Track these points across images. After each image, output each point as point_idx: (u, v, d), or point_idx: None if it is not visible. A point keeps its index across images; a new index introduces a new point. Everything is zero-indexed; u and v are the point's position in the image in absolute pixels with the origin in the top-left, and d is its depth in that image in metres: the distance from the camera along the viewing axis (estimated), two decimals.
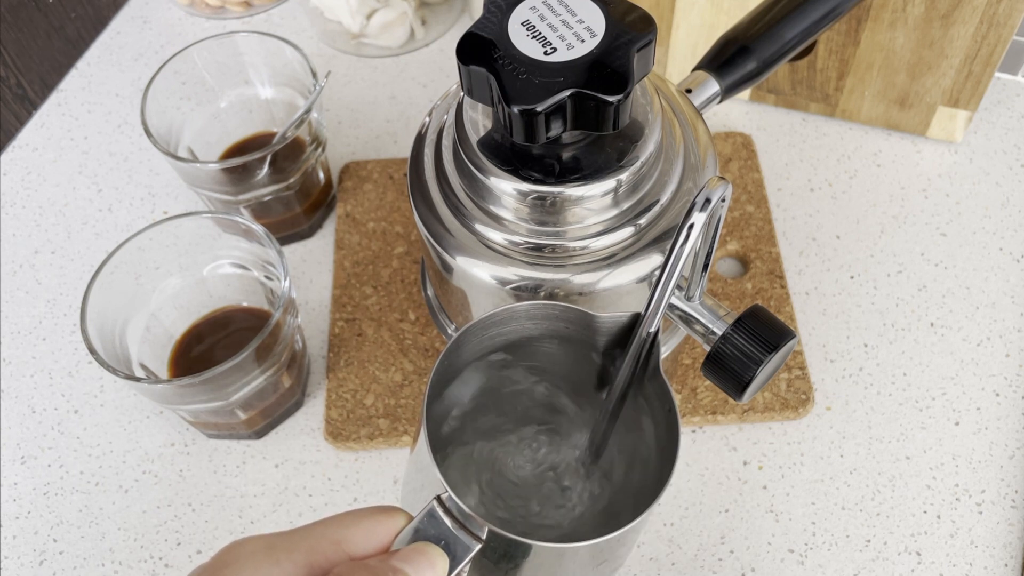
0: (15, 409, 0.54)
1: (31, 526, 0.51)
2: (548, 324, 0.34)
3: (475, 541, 0.28)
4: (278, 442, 0.53)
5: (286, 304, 0.47)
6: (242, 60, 0.57)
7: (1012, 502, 0.49)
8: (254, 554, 0.26)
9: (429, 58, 0.70)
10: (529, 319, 0.34)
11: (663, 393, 0.33)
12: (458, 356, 0.34)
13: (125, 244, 0.48)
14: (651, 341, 0.33)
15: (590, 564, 0.32)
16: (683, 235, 0.31)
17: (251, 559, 0.26)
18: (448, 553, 0.28)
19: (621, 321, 0.33)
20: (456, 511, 0.28)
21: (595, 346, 0.35)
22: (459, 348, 0.33)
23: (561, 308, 0.33)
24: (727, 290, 0.56)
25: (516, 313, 0.33)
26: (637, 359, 0.33)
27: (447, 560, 0.27)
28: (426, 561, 0.27)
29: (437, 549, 0.27)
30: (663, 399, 0.33)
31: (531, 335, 0.35)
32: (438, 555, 0.27)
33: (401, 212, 0.60)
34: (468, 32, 0.33)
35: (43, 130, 0.67)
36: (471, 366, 0.36)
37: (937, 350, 0.54)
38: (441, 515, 0.28)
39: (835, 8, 0.44)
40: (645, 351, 0.33)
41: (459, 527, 0.28)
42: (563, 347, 0.36)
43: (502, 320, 0.33)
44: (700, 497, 0.50)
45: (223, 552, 0.27)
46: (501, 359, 0.37)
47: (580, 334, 0.34)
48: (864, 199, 0.60)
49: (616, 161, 0.35)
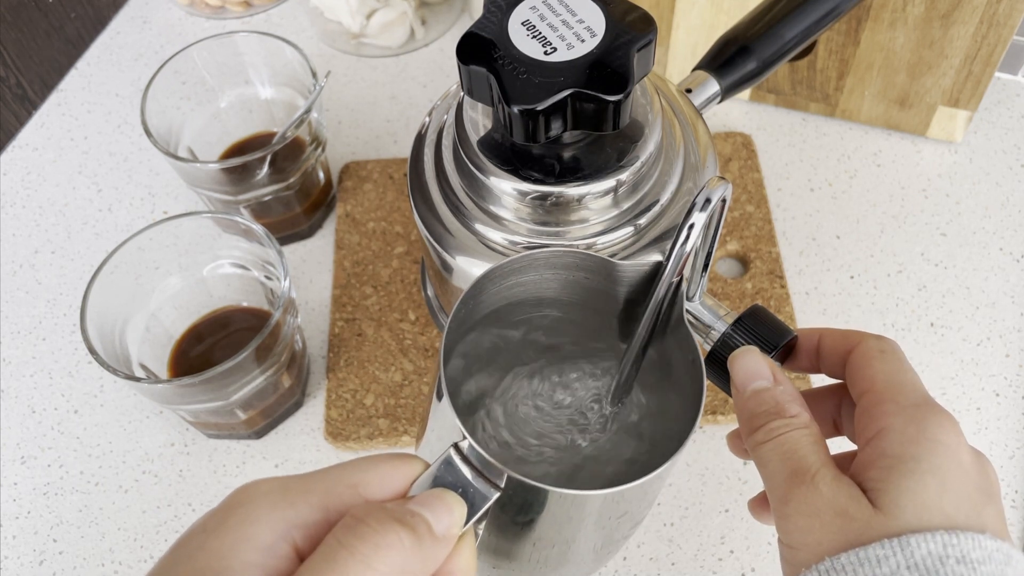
0: (15, 409, 0.54)
1: (31, 526, 0.51)
2: (568, 274, 0.33)
3: (493, 489, 0.27)
4: (278, 442, 0.53)
5: (286, 304, 0.47)
6: (242, 60, 0.57)
7: (1012, 502, 0.49)
8: (268, 494, 0.26)
9: (429, 58, 0.70)
10: (548, 268, 0.33)
11: (687, 343, 0.32)
12: (476, 304, 0.33)
13: (125, 244, 0.48)
14: (674, 290, 0.32)
15: (610, 516, 0.31)
16: (683, 235, 0.31)
17: (265, 499, 0.25)
18: (467, 500, 0.27)
19: (643, 269, 0.33)
20: (475, 458, 0.27)
21: (616, 296, 0.34)
22: (478, 295, 0.32)
23: (581, 255, 0.32)
24: (727, 290, 0.56)
25: (535, 260, 0.32)
26: (659, 308, 0.33)
27: (465, 507, 0.27)
28: (444, 507, 0.26)
29: (455, 495, 0.27)
30: (686, 349, 0.32)
31: (551, 288, 0.34)
32: (456, 501, 0.26)
33: (401, 212, 0.60)
34: (468, 32, 0.33)
35: (43, 130, 0.67)
36: (489, 317, 0.35)
37: (937, 350, 0.54)
38: (458, 462, 0.27)
39: (835, 8, 0.44)
40: (668, 300, 0.32)
41: (477, 475, 0.27)
42: (584, 298, 0.35)
43: (521, 268, 0.32)
44: (700, 497, 0.50)
45: (236, 492, 0.26)
46: (520, 312, 0.36)
47: (600, 283, 0.33)
48: (864, 199, 0.60)
49: (616, 161, 0.35)
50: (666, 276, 0.32)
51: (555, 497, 0.28)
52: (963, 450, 0.29)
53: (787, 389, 0.31)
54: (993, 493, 0.29)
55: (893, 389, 0.30)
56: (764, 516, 0.38)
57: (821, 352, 0.34)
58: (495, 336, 0.37)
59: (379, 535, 0.24)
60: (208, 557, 0.24)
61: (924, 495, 0.27)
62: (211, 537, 0.25)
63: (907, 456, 0.28)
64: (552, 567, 0.34)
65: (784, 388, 0.31)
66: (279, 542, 0.25)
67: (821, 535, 0.28)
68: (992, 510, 0.28)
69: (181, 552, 0.25)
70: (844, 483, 0.29)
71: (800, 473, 0.29)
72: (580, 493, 0.29)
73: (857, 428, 0.30)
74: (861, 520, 0.27)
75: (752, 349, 0.33)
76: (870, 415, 0.30)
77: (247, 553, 0.24)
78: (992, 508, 0.28)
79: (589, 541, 0.33)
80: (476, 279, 0.31)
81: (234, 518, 0.25)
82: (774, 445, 0.30)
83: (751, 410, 0.32)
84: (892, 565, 0.26)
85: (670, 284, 0.32)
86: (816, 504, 0.28)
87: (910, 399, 0.30)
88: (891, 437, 0.29)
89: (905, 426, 0.29)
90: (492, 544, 0.32)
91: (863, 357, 0.32)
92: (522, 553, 0.32)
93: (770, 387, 0.32)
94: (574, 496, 0.29)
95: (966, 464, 0.28)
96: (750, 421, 0.31)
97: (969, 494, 0.28)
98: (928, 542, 0.26)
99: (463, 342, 0.36)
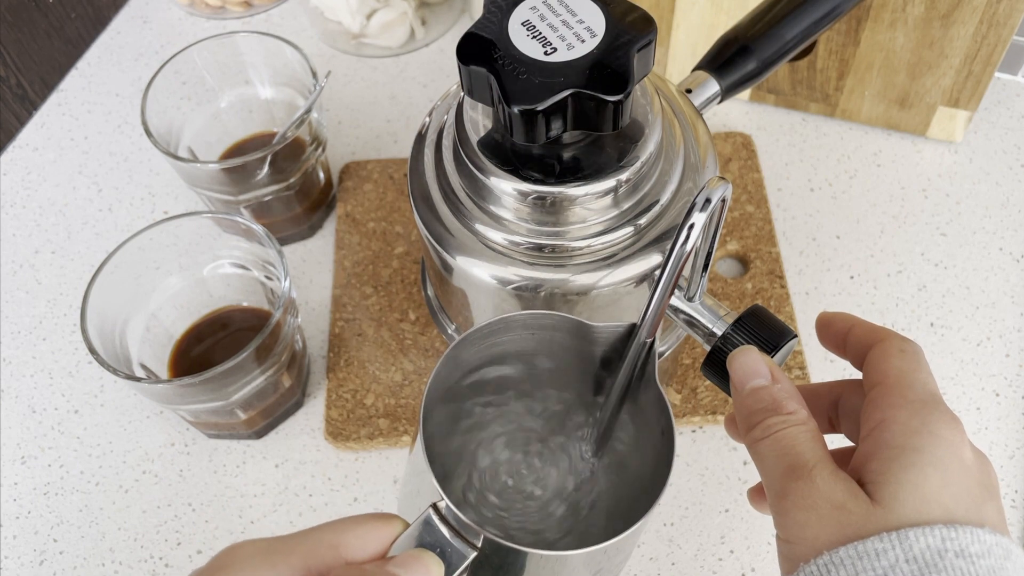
0: (15, 409, 0.54)
1: (31, 526, 0.51)
2: (545, 334, 0.34)
3: (471, 549, 0.28)
4: (278, 442, 0.53)
5: (286, 304, 0.47)
6: (242, 60, 0.57)
7: (1012, 502, 0.49)
8: (251, 557, 0.26)
9: (429, 58, 0.70)
10: (525, 328, 0.34)
11: (660, 406, 0.32)
12: (455, 365, 0.34)
13: (125, 244, 0.48)
14: (647, 350, 0.33)
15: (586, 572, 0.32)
16: (683, 235, 0.31)
17: (248, 562, 0.26)
18: (444, 560, 0.28)
19: (618, 331, 0.33)
20: (452, 519, 0.28)
21: (592, 356, 0.35)
22: (456, 357, 0.33)
23: (558, 318, 0.33)
24: (727, 290, 0.56)
25: (513, 322, 0.33)
26: (633, 368, 0.33)
27: (443, 567, 0.27)
28: (422, 567, 0.27)
29: (433, 556, 0.27)
30: (659, 413, 0.33)
31: (528, 346, 0.35)
32: (434, 562, 0.27)
33: (401, 212, 0.60)
34: (468, 32, 0.33)
35: (43, 130, 0.67)
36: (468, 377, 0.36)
37: (937, 350, 0.54)
38: (437, 523, 0.28)
39: (835, 8, 0.44)
40: (641, 360, 0.33)
41: (455, 535, 0.28)
42: (560, 358, 0.36)
43: (499, 329, 0.33)
44: (700, 497, 0.50)
45: (220, 555, 0.27)
46: (498, 370, 0.37)
47: (577, 344, 0.34)
48: (864, 199, 0.60)
49: (616, 161, 0.35)
50: (640, 336, 0.32)
51: (532, 558, 0.29)
52: (965, 447, 0.29)
53: (785, 387, 0.32)
54: (994, 490, 0.29)
55: (903, 384, 0.30)
56: (762, 506, 0.38)
57: (848, 341, 0.34)
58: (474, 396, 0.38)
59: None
60: None
61: (925, 487, 0.27)
62: None
63: (909, 447, 0.28)
64: None
65: (782, 386, 0.32)
66: None
67: (819, 529, 0.28)
68: (992, 506, 0.28)
69: None
70: (841, 477, 0.29)
71: (797, 468, 0.29)
72: (553, 554, 0.30)
73: (862, 419, 0.31)
74: (859, 514, 0.27)
75: (750, 348, 0.33)
76: (876, 405, 0.30)
77: None
78: (992, 504, 0.28)
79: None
80: (456, 341, 0.32)
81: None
82: (771, 442, 0.30)
83: (749, 407, 0.32)
84: (891, 559, 0.26)
85: (643, 344, 0.32)
86: (813, 498, 0.28)
87: (918, 395, 0.30)
88: (894, 428, 0.29)
89: (909, 418, 0.29)
90: None
91: (883, 352, 0.32)
92: None
93: (768, 385, 0.32)
94: (550, 557, 0.30)
95: (968, 460, 0.28)
96: (748, 418, 0.32)
97: (969, 489, 0.28)
98: (927, 535, 0.26)
99: (442, 403, 0.37)
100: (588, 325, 0.33)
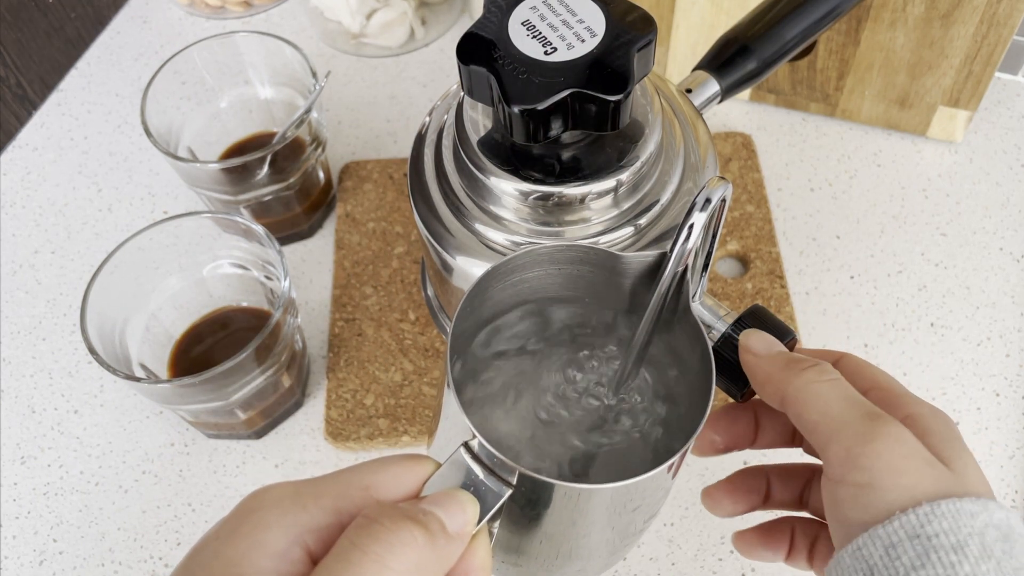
0: (15, 409, 0.54)
1: (31, 526, 0.51)
2: (571, 268, 0.33)
3: (505, 487, 0.27)
4: (278, 442, 0.53)
5: (286, 304, 0.47)
6: (242, 60, 0.57)
7: (1012, 502, 0.49)
8: (280, 500, 0.26)
9: (429, 58, 0.70)
10: (552, 263, 0.33)
11: (695, 333, 0.32)
12: (482, 302, 0.33)
13: (125, 244, 0.48)
14: (678, 280, 0.32)
15: (624, 509, 0.31)
16: (683, 235, 0.31)
17: (277, 504, 0.26)
18: (479, 499, 0.27)
19: (647, 261, 0.32)
20: (485, 456, 0.27)
21: (621, 289, 0.34)
22: (482, 292, 0.32)
23: (584, 249, 0.32)
24: (727, 290, 0.56)
25: (539, 256, 0.32)
26: (664, 299, 0.32)
27: (478, 505, 0.27)
28: (457, 505, 0.26)
29: (467, 494, 0.27)
30: (695, 340, 0.32)
31: (554, 283, 0.34)
32: (469, 500, 0.26)
33: (401, 212, 0.60)
34: (468, 32, 0.33)
35: (43, 130, 0.67)
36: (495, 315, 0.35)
37: (937, 350, 0.54)
38: (469, 461, 0.27)
39: (835, 8, 0.44)
40: (672, 291, 0.32)
41: (488, 473, 0.27)
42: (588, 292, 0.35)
43: (524, 264, 0.32)
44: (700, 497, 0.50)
45: (248, 498, 0.26)
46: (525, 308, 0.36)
47: (604, 277, 0.33)
48: (864, 199, 0.60)
49: (616, 161, 0.35)
50: (671, 267, 0.31)
51: (567, 492, 0.28)
52: None
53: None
54: None
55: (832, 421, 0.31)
56: (718, 507, 0.38)
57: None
58: (501, 334, 0.37)
59: (392, 534, 0.24)
60: (222, 565, 0.25)
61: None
62: (224, 545, 0.25)
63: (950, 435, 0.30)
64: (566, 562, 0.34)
65: None
66: (292, 547, 0.25)
67: (917, 478, 0.28)
68: None
69: (195, 561, 0.25)
70: None
71: (878, 415, 0.29)
72: (591, 487, 0.29)
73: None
74: (947, 474, 0.28)
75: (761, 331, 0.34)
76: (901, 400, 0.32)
77: (260, 559, 0.24)
78: None
79: (603, 535, 0.32)
80: (479, 277, 0.31)
81: (246, 525, 0.25)
82: (832, 384, 0.30)
83: (787, 357, 0.32)
84: (982, 521, 0.27)
85: (674, 274, 0.32)
86: (909, 446, 0.28)
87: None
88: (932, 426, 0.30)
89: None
90: (506, 541, 0.32)
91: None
92: (536, 549, 0.32)
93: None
94: (586, 491, 0.29)
95: None
96: (789, 366, 0.31)
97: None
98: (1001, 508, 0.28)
99: (470, 341, 0.36)
100: (616, 255, 0.32)
